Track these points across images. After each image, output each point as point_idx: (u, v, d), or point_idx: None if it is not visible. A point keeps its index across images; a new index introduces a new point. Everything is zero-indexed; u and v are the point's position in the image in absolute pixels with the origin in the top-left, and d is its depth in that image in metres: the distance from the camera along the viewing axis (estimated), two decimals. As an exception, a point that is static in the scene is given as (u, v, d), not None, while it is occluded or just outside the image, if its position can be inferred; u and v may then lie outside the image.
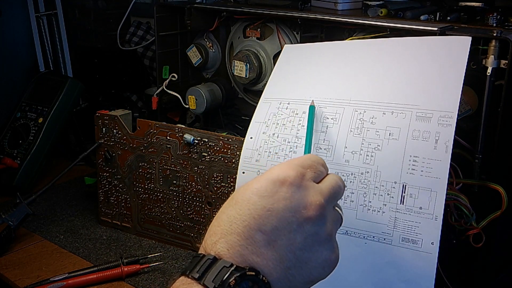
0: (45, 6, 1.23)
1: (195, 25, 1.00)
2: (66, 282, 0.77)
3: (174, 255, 0.86)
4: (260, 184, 0.47)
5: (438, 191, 0.60)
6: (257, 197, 0.46)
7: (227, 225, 0.46)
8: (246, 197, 0.47)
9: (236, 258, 0.44)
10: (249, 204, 0.46)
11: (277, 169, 0.49)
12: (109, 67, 1.32)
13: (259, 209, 0.46)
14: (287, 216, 0.46)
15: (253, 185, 0.48)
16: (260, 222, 0.45)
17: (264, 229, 0.45)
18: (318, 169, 0.51)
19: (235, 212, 0.46)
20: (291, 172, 0.48)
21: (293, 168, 0.49)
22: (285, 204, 0.46)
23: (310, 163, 0.51)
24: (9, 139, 1.10)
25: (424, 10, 0.84)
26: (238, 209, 0.46)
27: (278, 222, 0.46)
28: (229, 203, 0.48)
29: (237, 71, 0.97)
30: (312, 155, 0.53)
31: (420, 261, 0.60)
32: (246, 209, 0.46)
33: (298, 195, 0.47)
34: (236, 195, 0.48)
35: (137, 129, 0.88)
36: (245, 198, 0.47)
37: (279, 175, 0.48)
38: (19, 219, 0.87)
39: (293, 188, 0.47)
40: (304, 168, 0.50)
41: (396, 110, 0.66)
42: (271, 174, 0.48)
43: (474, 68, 0.72)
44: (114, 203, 0.93)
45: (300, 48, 0.82)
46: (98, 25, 1.44)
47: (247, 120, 0.95)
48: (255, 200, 0.46)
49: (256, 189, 0.47)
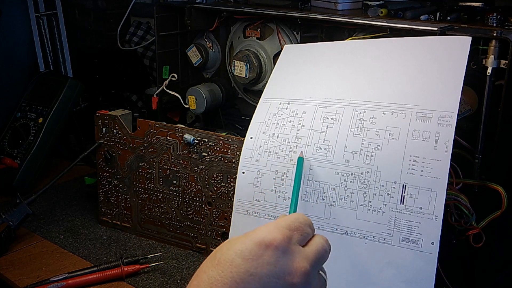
0: (45, 6, 1.23)
1: (195, 25, 1.00)
2: (66, 282, 0.77)
3: (174, 255, 0.86)
4: (245, 245, 0.45)
5: (438, 191, 0.60)
6: (241, 259, 0.45)
7: (207, 286, 0.44)
8: (229, 258, 0.45)
9: None
10: (231, 267, 0.44)
11: (263, 231, 0.47)
12: (109, 67, 1.32)
13: (241, 273, 0.44)
14: (270, 282, 0.45)
15: (237, 246, 0.46)
16: (242, 287, 0.44)
17: None
18: (305, 231, 0.49)
19: (216, 274, 0.45)
20: (278, 235, 0.46)
21: (280, 231, 0.47)
22: (269, 269, 0.45)
23: (297, 225, 0.49)
24: (9, 139, 1.10)
25: (424, 10, 0.84)
26: (220, 270, 0.45)
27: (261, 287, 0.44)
28: (211, 262, 0.46)
29: (237, 71, 0.97)
30: (299, 215, 0.51)
31: (420, 261, 0.60)
32: (228, 271, 0.44)
33: (283, 261, 0.46)
34: (218, 253, 0.46)
35: (137, 129, 0.88)
36: (228, 259, 0.45)
37: (265, 237, 0.46)
38: (19, 219, 0.87)
39: (278, 253, 0.46)
40: (291, 230, 0.48)
41: (396, 110, 0.66)
42: (256, 235, 0.46)
43: (474, 68, 0.72)
44: (114, 203, 0.93)
45: (300, 48, 0.82)
46: (98, 25, 1.44)
47: (247, 120, 0.95)
48: (238, 263, 0.45)
49: (240, 251, 0.45)
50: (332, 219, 0.65)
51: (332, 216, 0.66)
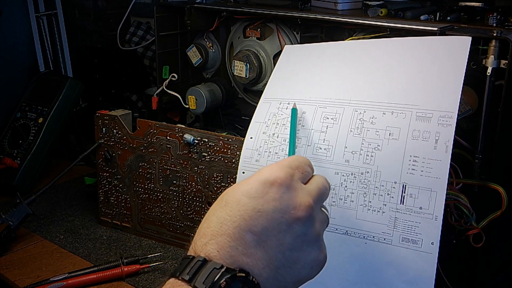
0: (45, 6, 1.23)
1: (195, 25, 1.00)
2: (66, 282, 0.77)
3: (174, 255, 0.86)
4: (250, 185, 0.47)
5: (438, 191, 0.60)
6: (247, 198, 0.47)
7: (217, 226, 0.46)
8: (236, 199, 0.47)
9: (226, 260, 0.45)
10: (239, 206, 0.46)
11: (266, 170, 0.49)
12: (109, 67, 1.32)
13: (249, 210, 0.46)
14: (276, 216, 0.46)
15: (243, 187, 0.48)
16: (250, 223, 0.46)
17: (254, 230, 0.46)
18: (305, 169, 0.52)
19: (225, 214, 0.46)
20: (281, 173, 0.48)
21: (282, 169, 0.49)
22: (274, 205, 0.47)
23: (298, 164, 0.51)
24: (9, 139, 1.10)
25: (424, 10, 0.84)
26: (228, 210, 0.47)
27: (268, 222, 0.46)
28: (219, 204, 0.48)
29: (237, 71, 0.97)
30: (299, 156, 0.54)
31: (420, 261, 0.60)
32: (236, 210, 0.46)
33: (287, 196, 0.48)
34: (225, 196, 0.48)
35: (137, 129, 0.88)
36: (235, 200, 0.47)
37: (269, 176, 0.48)
38: (19, 219, 0.87)
39: (282, 189, 0.48)
40: (292, 169, 0.50)
41: (396, 110, 0.66)
42: (260, 175, 0.48)
43: (474, 68, 0.72)
44: (114, 203, 0.93)
45: (300, 48, 0.82)
46: (98, 25, 1.44)
47: (247, 120, 0.95)
48: (245, 202, 0.46)
49: (246, 191, 0.47)
50: (332, 219, 0.65)
51: (332, 216, 0.65)
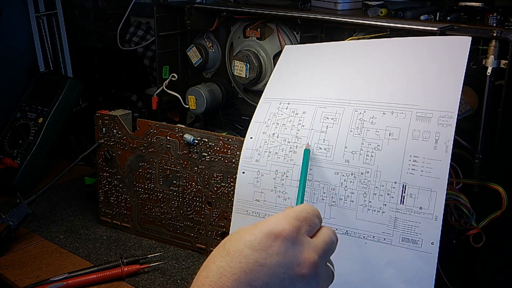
0: (45, 6, 1.23)
1: (195, 25, 1.00)
2: (66, 282, 0.77)
3: (174, 255, 0.86)
4: (254, 236, 0.46)
5: (438, 191, 0.60)
6: (250, 250, 0.45)
7: (216, 277, 0.44)
8: (239, 249, 0.45)
9: None
10: (240, 257, 0.45)
11: (272, 221, 0.47)
12: (109, 67, 1.32)
13: (250, 263, 0.44)
14: (279, 272, 0.45)
15: (246, 236, 0.46)
16: (251, 277, 0.44)
17: (254, 284, 0.44)
18: (313, 221, 0.50)
19: (226, 264, 0.45)
20: (286, 226, 0.47)
21: (289, 222, 0.47)
22: (278, 259, 0.45)
23: (306, 216, 0.49)
24: (9, 139, 1.10)
25: (424, 10, 0.84)
26: (229, 261, 0.45)
27: (270, 278, 0.44)
28: (220, 253, 0.46)
29: (237, 71, 0.97)
30: (307, 206, 0.51)
31: (420, 261, 0.60)
32: (237, 262, 0.45)
33: (292, 251, 0.46)
34: (227, 244, 0.46)
35: (137, 129, 0.88)
36: (237, 250, 0.45)
37: (274, 228, 0.46)
38: (19, 219, 0.87)
39: (287, 243, 0.46)
40: (299, 221, 0.48)
41: (396, 110, 0.66)
42: (266, 226, 0.47)
43: (474, 68, 0.72)
44: (114, 203, 0.93)
45: (300, 48, 0.82)
46: (98, 25, 1.44)
47: (247, 120, 0.95)
48: (248, 253, 0.45)
49: (249, 242, 0.45)
50: (332, 219, 0.65)
51: (332, 216, 0.66)
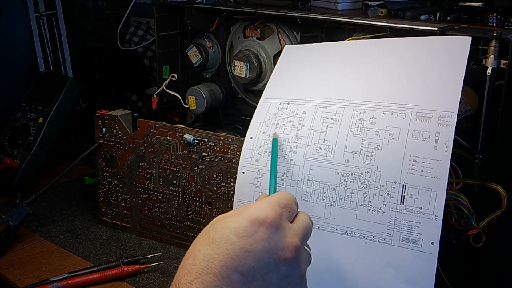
0: (45, 6, 1.23)
1: (195, 25, 1.00)
2: (66, 282, 0.77)
3: (174, 255, 0.86)
4: (239, 223, 0.47)
5: (438, 191, 0.60)
6: (236, 236, 0.46)
7: (203, 264, 0.45)
8: (224, 236, 0.46)
9: None
10: (226, 244, 0.46)
11: (255, 208, 0.49)
12: (109, 67, 1.32)
13: (237, 249, 0.46)
14: (264, 257, 0.46)
15: (231, 223, 0.47)
16: (238, 263, 0.45)
17: (241, 270, 0.45)
18: (292, 207, 0.52)
19: (212, 251, 0.46)
20: (270, 213, 0.48)
21: (272, 208, 0.49)
22: (263, 245, 0.46)
23: (285, 202, 0.51)
24: (9, 139, 1.10)
25: (424, 10, 0.84)
26: (215, 248, 0.46)
27: (256, 263, 0.46)
28: (205, 241, 0.47)
29: (237, 71, 0.97)
30: (286, 193, 0.53)
31: (420, 261, 0.60)
32: (223, 248, 0.46)
33: (276, 237, 0.47)
34: (212, 231, 0.47)
35: (137, 129, 0.88)
36: (222, 237, 0.46)
37: (258, 215, 0.48)
38: (19, 219, 0.87)
39: (271, 229, 0.47)
40: (281, 207, 0.50)
41: (396, 110, 0.66)
42: (250, 213, 0.48)
43: (474, 68, 0.72)
44: (114, 203, 0.93)
45: (300, 48, 0.82)
46: (98, 25, 1.44)
47: (247, 120, 0.95)
48: (234, 240, 0.46)
49: (234, 229, 0.47)
50: (332, 219, 0.65)
51: (332, 216, 0.66)
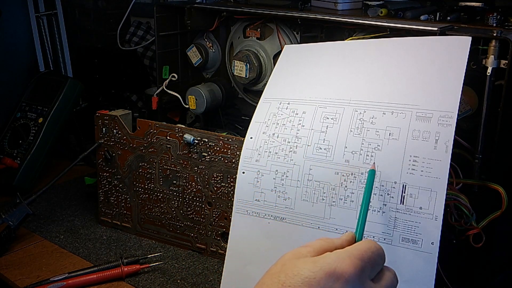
0: (45, 6, 1.23)
1: (195, 25, 1.00)
2: (66, 282, 0.77)
3: (174, 255, 0.86)
4: (314, 274, 0.43)
5: (438, 191, 0.60)
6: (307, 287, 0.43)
7: None
8: (295, 285, 0.43)
9: None
10: None
11: (333, 259, 0.45)
12: (109, 67, 1.32)
13: None
14: None
15: (304, 272, 0.44)
16: None
17: None
18: (377, 262, 0.47)
19: None
20: (349, 267, 0.44)
21: (352, 262, 0.45)
22: None
23: (370, 255, 0.46)
24: (9, 139, 1.10)
25: (424, 10, 0.84)
26: None
27: None
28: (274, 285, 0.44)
29: (237, 71, 0.97)
30: (372, 244, 0.48)
31: (420, 261, 0.60)
32: None
33: None
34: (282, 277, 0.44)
35: (137, 129, 0.88)
36: (293, 286, 0.43)
37: (336, 268, 0.44)
38: (19, 219, 0.87)
39: (348, 287, 0.44)
40: (363, 262, 0.45)
41: (396, 110, 0.66)
42: (327, 264, 0.44)
43: (474, 68, 0.72)
44: (114, 203, 0.93)
45: (300, 48, 0.82)
46: (98, 25, 1.44)
47: (247, 120, 0.95)
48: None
49: (308, 280, 0.43)
50: (332, 219, 0.65)
51: (332, 216, 0.65)
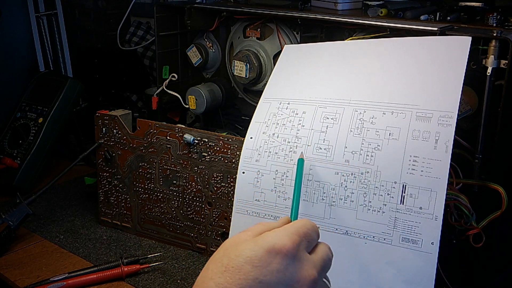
0: (45, 6, 1.23)
1: (195, 25, 1.00)
2: (66, 282, 0.77)
3: (174, 255, 0.86)
4: (255, 252, 0.45)
5: (438, 191, 0.60)
6: (250, 266, 0.44)
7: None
8: (238, 265, 0.45)
9: None
10: (240, 274, 0.44)
11: (272, 237, 0.47)
12: (109, 67, 1.32)
13: (250, 280, 0.44)
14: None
15: (246, 253, 0.45)
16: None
17: None
18: (312, 237, 0.50)
19: (224, 281, 0.44)
20: (287, 242, 0.46)
21: (289, 238, 0.47)
22: (278, 276, 0.45)
23: (305, 231, 0.49)
24: (9, 139, 1.10)
25: (424, 10, 0.84)
26: (228, 277, 0.44)
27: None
28: (218, 269, 0.45)
29: (237, 71, 0.97)
30: (307, 221, 0.51)
31: (420, 261, 0.60)
32: (236, 278, 0.44)
33: (292, 268, 0.46)
34: (225, 260, 0.46)
35: (137, 129, 0.88)
36: (236, 266, 0.45)
37: (275, 244, 0.46)
38: (19, 219, 0.87)
39: (287, 260, 0.46)
40: (299, 236, 0.48)
41: (396, 110, 0.66)
42: (266, 242, 0.46)
43: (474, 68, 0.72)
44: (114, 203, 0.93)
45: (300, 48, 0.82)
46: (98, 25, 1.44)
47: (247, 120, 0.95)
48: (247, 270, 0.44)
49: (249, 258, 0.45)
50: (332, 219, 0.65)
51: (332, 216, 0.66)
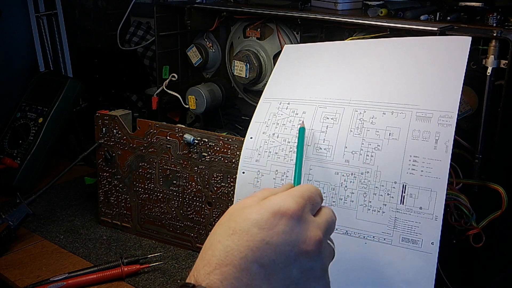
0: (45, 6, 1.23)
1: (195, 25, 1.00)
2: (66, 282, 0.77)
3: (174, 255, 0.86)
4: (261, 215, 0.46)
5: (438, 191, 0.60)
6: (257, 229, 0.46)
7: (222, 255, 0.45)
8: (245, 228, 0.46)
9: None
10: (247, 236, 0.45)
11: (277, 200, 0.48)
12: (109, 67, 1.32)
13: (257, 241, 0.45)
14: (285, 250, 0.46)
15: (252, 215, 0.47)
16: (258, 255, 0.45)
17: (261, 262, 0.45)
18: (316, 200, 0.51)
19: (232, 243, 0.45)
20: (292, 205, 0.48)
21: (294, 200, 0.48)
22: (284, 237, 0.46)
23: (309, 194, 0.50)
24: (9, 139, 1.10)
25: (424, 10, 0.84)
26: (235, 239, 0.45)
27: (276, 255, 0.45)
28: (225, 232, 0.46)
29: (237, 71, 0.97)
30: (310, 186, 0.52)
31: (420, 261, 0.60)
32: (244, 240, 0.45)
33: (297, 229, 0.47)
34: (233, 224, 0.47)
35: (137, 129, 0.88)
36: (243, 229, 0.46)
37: (281, 207, 0.47)
38: (19, 219, 0.87)
39: (293, 222, 0.47)
40: (304, 199, 0.49)
41: (396, 110, 0.66)
42: (272, 205, 0.47)
43: (474, 68, 0.72)
44: (114, 203, 0.93)
45: (300, 48, 0.82)
46: (98, 25, 1.44)
47: (247, 120, 0.95)
48: (254, 232, 0.46)
49: (255, 220, 0.46)
50: (332, 219, 0.65)
51: (332, 216, 0.65)
